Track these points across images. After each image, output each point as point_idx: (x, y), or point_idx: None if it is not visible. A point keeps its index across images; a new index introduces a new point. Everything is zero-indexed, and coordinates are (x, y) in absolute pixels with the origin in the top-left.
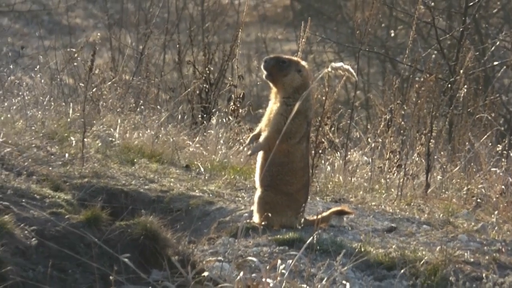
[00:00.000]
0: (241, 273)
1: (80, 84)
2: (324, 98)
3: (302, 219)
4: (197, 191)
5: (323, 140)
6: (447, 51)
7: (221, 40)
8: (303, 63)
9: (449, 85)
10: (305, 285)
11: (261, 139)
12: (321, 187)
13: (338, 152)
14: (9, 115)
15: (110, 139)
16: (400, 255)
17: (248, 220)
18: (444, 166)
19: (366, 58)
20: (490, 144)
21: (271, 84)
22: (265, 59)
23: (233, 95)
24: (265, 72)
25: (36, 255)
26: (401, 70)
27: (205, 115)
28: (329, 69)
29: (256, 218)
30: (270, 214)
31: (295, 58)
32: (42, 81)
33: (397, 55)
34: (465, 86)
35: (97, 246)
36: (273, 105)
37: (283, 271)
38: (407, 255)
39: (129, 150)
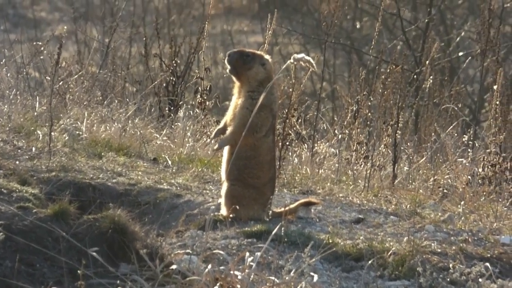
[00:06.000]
0: (209, 266)
1: (47, 77)
2: (290, 90)
3: (270, 211)
4: (164, 184)
5: (290, 132)
6: (413, 42)
7: (187, 32)
8: (267, 56)
9: (415, 76)
10: (273, 277)
11: (227, 133)
12: (289, 179)
13: (305, 144)
14: None
15: (77, 132)
16: (368, 246)
17: (216, 213)
18: (411, 157)
19: (332, 49)
20: (456, 134)
21: (234, 78)
22: (228, 53)
23: (199, 88)
24: (228, 67)
25: (3, 249)
26: (367, 61)
27: (172, 108)
28: (291, 60)
29: (223, 211)
30: (237, 207)
31: (258, 52)
32: (8, 74)
33: (362, 47)
34: (431, 77)
35: (65, 240)
36: (237, 99)
37: (251, 263)
38: (375, 246)
39: (97, 143)
